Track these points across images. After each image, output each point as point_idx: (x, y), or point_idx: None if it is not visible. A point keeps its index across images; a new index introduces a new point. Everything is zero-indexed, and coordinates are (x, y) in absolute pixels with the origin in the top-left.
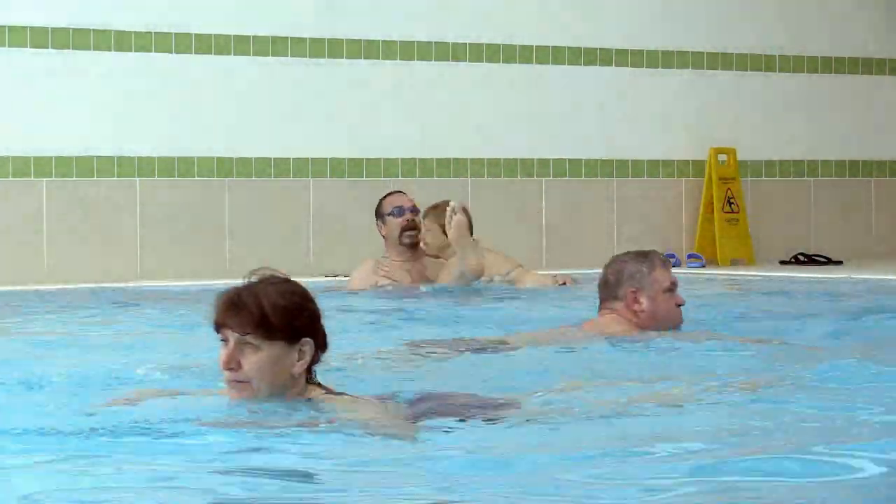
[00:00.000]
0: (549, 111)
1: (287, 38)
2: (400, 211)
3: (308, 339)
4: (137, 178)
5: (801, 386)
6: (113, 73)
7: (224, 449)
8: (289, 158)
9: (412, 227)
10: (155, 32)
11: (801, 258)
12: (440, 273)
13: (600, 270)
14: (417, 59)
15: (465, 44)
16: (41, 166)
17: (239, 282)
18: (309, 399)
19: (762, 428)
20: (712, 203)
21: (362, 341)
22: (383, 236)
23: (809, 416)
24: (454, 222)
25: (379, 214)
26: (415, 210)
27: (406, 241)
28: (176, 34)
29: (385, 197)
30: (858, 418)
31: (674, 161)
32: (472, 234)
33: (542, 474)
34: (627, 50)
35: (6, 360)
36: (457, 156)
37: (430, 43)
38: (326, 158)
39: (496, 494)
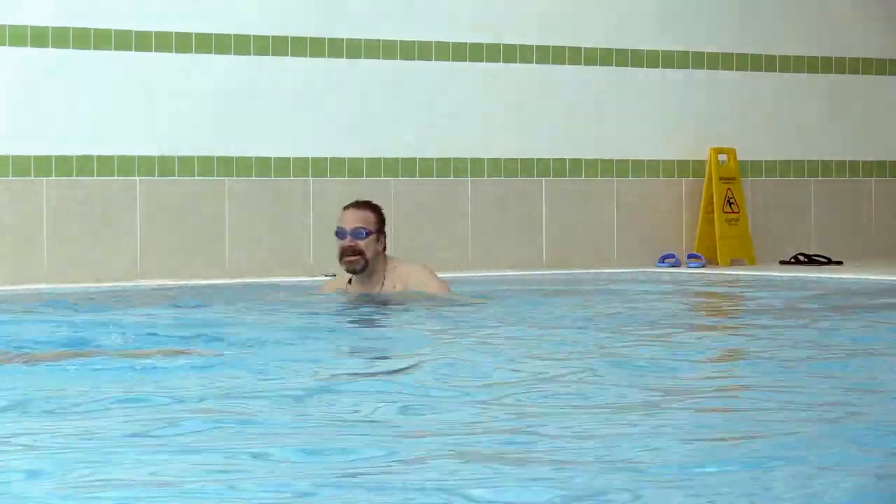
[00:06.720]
0: (549, 111)
1: (287, 37)
2: (341, 234)
3: None
4: (137, 178)
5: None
6: (113, 73)
7: None
8: (289, 158)
9: (351, 251)
10: (155, 32)
11: (801, 258)
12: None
13: (599, 271)
14: (417, 59)
15: (465, 44)
16: (41, 166)
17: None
18: None
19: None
20: (712, 203)
21: None
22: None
23: (807, 417)
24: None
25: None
26: (357, 233)
27: (343, 267)
28: (176, 34)
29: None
30: (853, 417)
31: (674, 161)
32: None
33: None
34: (627, 50)
35: None
36: (457, 156)
37: (430, 43)
38: (326, 158)
39: None
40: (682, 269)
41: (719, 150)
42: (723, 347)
